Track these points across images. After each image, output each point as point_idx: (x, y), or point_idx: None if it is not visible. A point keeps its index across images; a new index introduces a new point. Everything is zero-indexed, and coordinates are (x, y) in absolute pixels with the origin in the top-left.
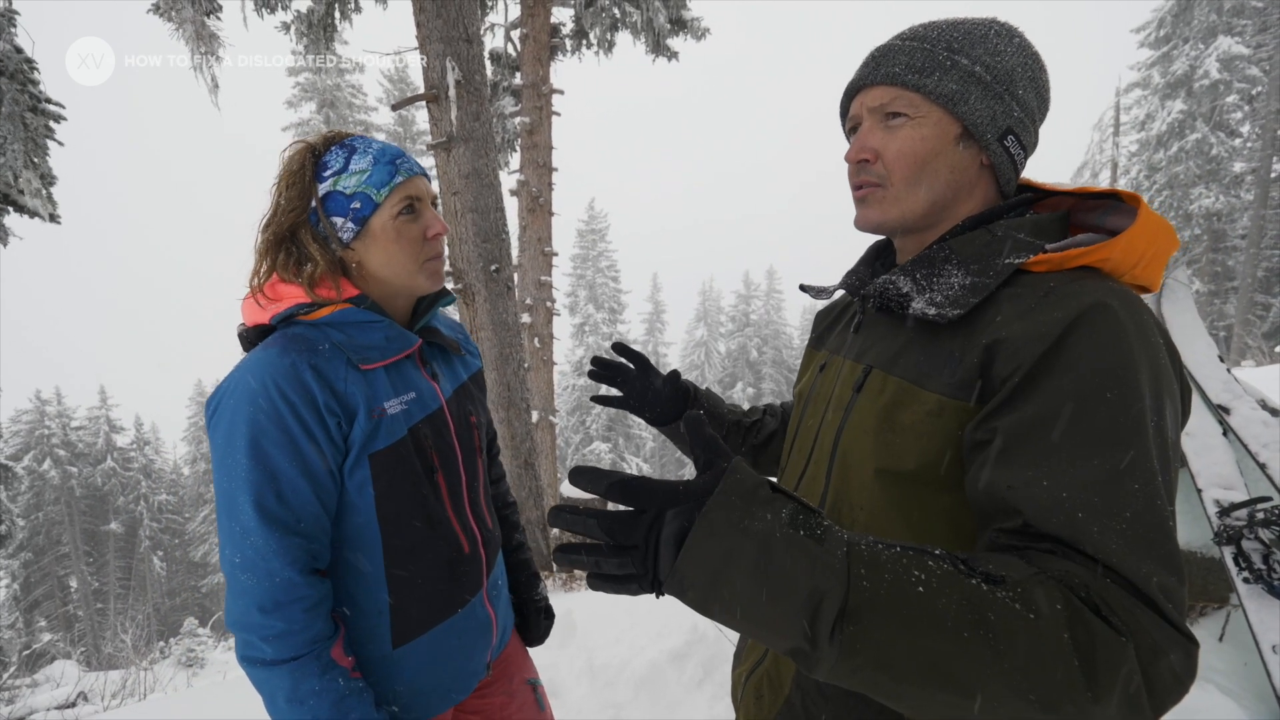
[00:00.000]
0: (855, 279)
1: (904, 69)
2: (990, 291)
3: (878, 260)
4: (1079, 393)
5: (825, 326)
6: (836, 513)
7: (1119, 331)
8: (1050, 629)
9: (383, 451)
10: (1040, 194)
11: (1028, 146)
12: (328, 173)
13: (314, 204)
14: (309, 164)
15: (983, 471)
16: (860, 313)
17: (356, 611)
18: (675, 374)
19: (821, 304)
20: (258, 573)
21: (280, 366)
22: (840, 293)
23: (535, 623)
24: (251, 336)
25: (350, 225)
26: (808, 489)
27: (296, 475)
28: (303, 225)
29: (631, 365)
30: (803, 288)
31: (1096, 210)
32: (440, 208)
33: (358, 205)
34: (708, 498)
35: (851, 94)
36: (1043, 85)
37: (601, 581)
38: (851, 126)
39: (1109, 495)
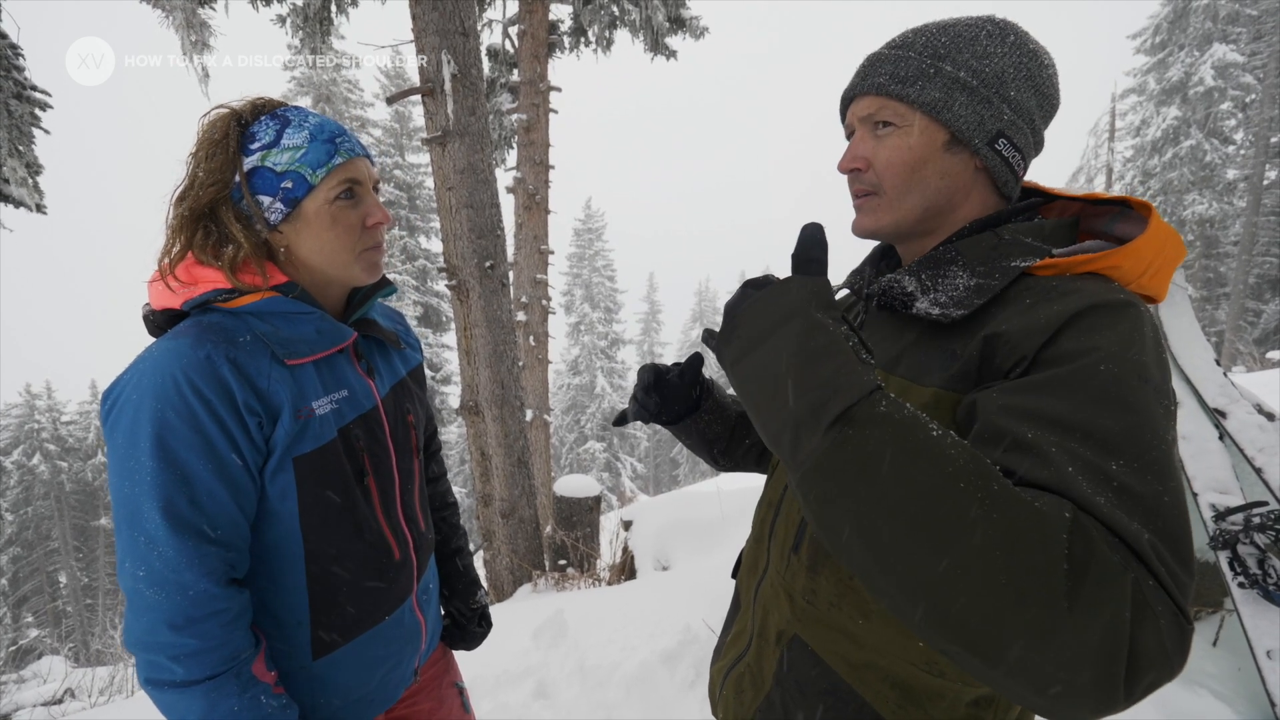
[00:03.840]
0: (859, 278)
1: (888, 79)
2: (995, 293)
3: (883, 260)
4: (1079, 367)
5: None
6: None
7: (1122, 321)
8: (1050, 525)
9: (309, 455)
10: (1048, 198)
11: (1024, 148)
12: (255, 145)
13: (238, 179)
14: (234, 134)
15: (971, 432)
16: (863, 312)
17: (272, 623)
18: (697, 360)
19: None
20: (167, 587)
21: (193, 359)
22: (844, 291)
23: (470, 631)
24: (160, 321)
25: (279, 206)
26: None
27: (211, 478)
28: (224, 202)
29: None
30: None
31: (1104, 216)
32: (381, 194)
33: (289, 185)
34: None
35: (846, 102)
36: (1043, 83)
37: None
38: (848, 134)
39: (1100, 456)
